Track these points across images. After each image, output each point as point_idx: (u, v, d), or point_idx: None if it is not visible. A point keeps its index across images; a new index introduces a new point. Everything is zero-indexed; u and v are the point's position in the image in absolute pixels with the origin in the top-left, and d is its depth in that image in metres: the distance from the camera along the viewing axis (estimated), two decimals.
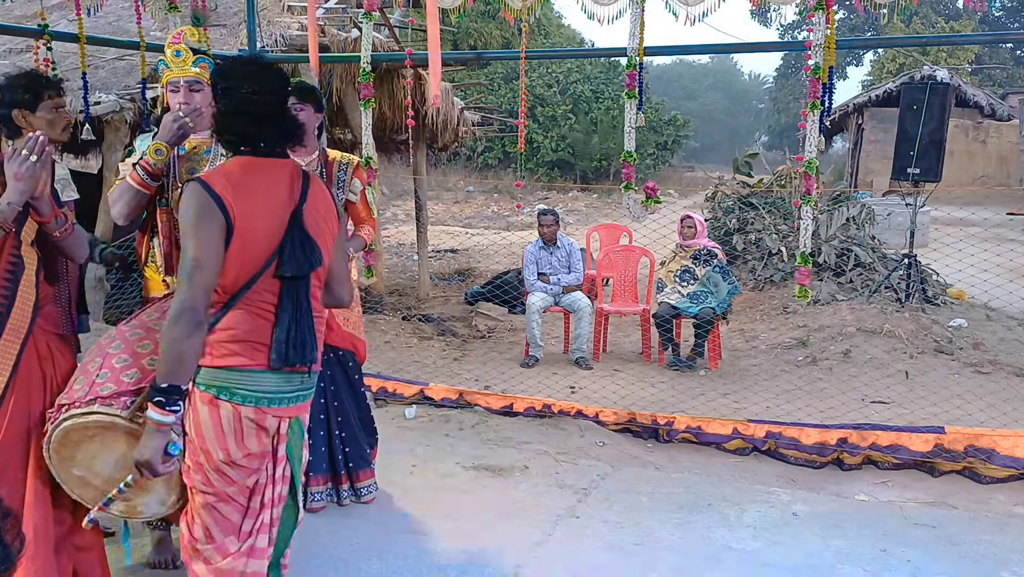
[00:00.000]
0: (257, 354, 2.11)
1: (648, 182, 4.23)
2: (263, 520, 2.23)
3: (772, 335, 7.02)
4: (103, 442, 2.17)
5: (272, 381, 2.14)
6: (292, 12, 7.39)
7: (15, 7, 8.07)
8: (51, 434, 2.18)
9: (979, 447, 4.02)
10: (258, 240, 2.09)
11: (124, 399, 2.15)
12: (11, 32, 5.09)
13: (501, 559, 3.19)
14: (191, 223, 2.03)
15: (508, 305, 8.08)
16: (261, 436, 2.16)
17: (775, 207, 9.23)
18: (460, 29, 23.62)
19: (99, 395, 2.16)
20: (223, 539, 2.18)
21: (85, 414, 2.15)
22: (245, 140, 2.16)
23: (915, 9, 30.03)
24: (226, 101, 2.13)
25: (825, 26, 3.77)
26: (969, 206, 12.00)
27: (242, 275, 2.08)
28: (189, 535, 2.21)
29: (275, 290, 2.13)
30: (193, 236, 2.02)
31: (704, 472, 4.15)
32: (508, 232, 14.45)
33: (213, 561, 2.18)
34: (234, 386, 2.09)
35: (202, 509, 2.17)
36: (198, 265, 2.00)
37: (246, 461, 2.16)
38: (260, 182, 2.13)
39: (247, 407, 2.11)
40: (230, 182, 2.08)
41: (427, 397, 5.07)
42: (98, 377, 2.20)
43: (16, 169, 2.17)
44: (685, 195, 20.47)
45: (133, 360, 2.22)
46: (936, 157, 7.37)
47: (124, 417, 2.14)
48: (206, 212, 2.02)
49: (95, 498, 2.22)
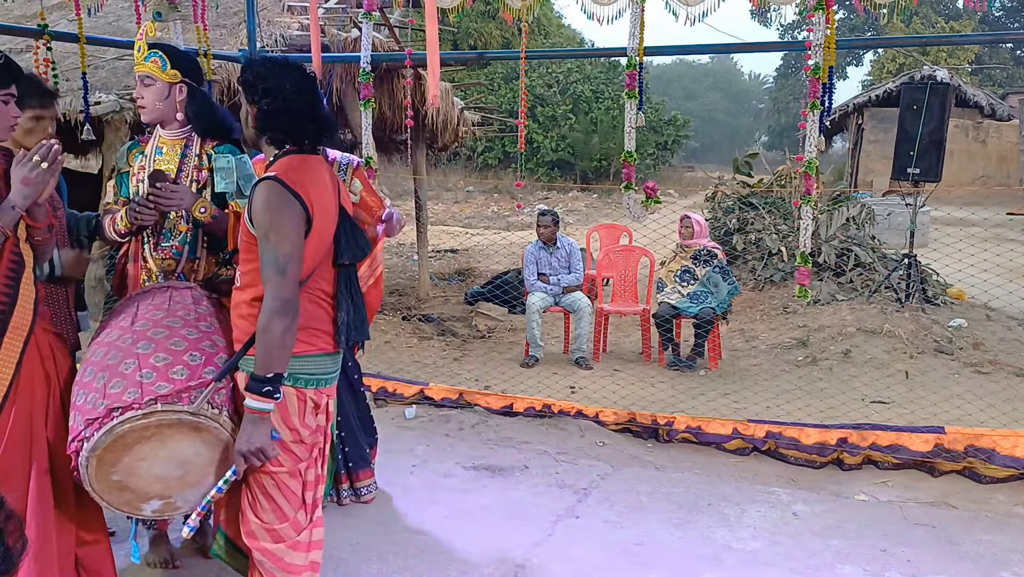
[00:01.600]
0: (316, 340, 2.27)
1: (648, 182, 4.23)
2: (320, 492, 2.43)
3: (772, 335, 7.02)
4: (161, 440, 2.14)
5: (328, 363, 2.32)
6: (292, 12, 7.40)
7: (15, 7, 8.07)
8: (97, 440, 2.08)
9: (979, 447, 4.02)
10: (326, 231, 2.24)
11: (185, 396, 2.13)
12: (11, 32, 5.08)
13: (501, 559, 3.19)
14: (275, 219, 2.12)
15: (508, 305, 8.08)
16: (319, 414, 2.35)
17: (775, 207, 9.22)
18: (460, 29, 23.61)
19: (158, 394, 2.11)
20: (294, 515, 2.33)
21: (147, 415, 2.09)
22: (293, 137, 2.27)
23: (915, 9, 30.03)
24: (269, 100, 2.23)
25: (825, 26, 3.77)
26: (969, 206, 11.99)
27: (309, 265, 2.21)
28: (258, 520, 2.31)
29: (329, 278, 2.30)
30: (280, 231, 2.11)
31: (704, 472, 4.15)
32: (508, 232, 14.44)
33: (287, 537, 2.33)
34: (297, 372, 2.23)
35: (272, 489, 2.30)
36: (291, 258, 2.12)
37: (311, 438, 2.33)
38: (315, 177, 2.25)
39: (309, 389, 2.28)
40: (298, 177, 2.18)
41: (427, 397, 5.07)
42: (143, 377, 2.14)
43: (26, 174, 2.19)
44: (685, 195, 20.47)
45: (173, 358, 2.18)
46: (936, 157, 7.36)
47: (190, 413, 2.12)
48: (289, 208, 2.13)
49: (128, 502, 2.18)
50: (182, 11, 4.67)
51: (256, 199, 2.16)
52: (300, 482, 2.35)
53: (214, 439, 2.18)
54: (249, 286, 2.24)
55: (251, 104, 2.28)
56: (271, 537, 2.32)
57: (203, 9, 4.55)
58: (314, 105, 2.29)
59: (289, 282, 2.11)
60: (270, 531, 2.31)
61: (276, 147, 2.29)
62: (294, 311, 2.13)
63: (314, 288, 2.26)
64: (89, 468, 2.10)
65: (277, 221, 2.12)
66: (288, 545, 2.33)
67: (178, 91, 2.76)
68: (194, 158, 2.81)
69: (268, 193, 2.14)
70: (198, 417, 2.13)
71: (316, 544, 2.40)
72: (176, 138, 2.81)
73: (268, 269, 2.12)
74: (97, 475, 2.12)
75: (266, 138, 2.30)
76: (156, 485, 2.17)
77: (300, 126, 2.27)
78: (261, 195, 2.15)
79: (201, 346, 2.25)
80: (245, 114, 2.33)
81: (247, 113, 2.32)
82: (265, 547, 2.32)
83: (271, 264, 2.11)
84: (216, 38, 6.69)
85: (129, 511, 2.23)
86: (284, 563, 2.33)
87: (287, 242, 2.12)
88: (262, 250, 2.14)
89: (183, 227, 2.81)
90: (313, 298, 2.26)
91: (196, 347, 2.24)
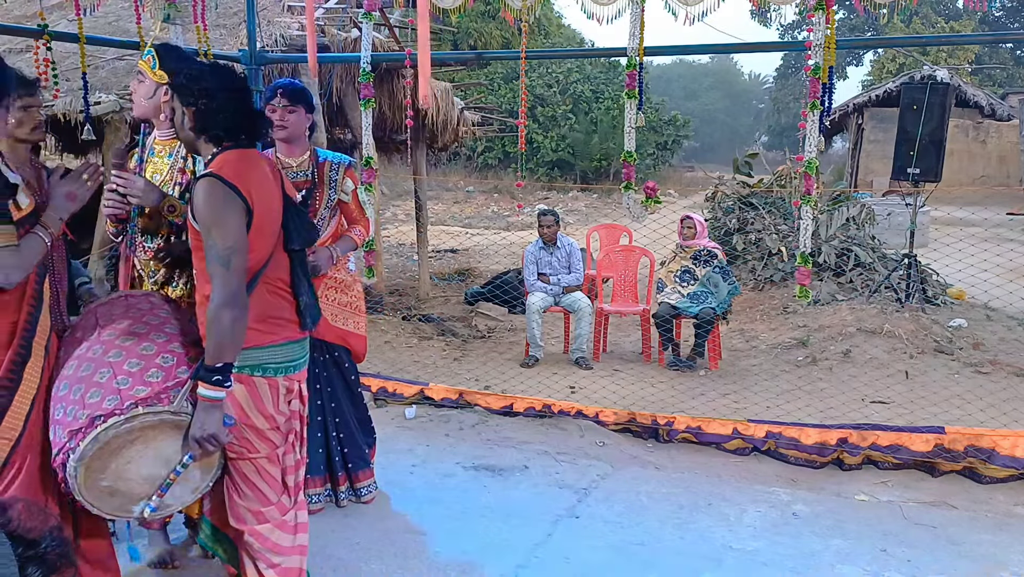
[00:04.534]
0: (281, 328, 2.36)
1: (648, 182, 4.22)
2: (301, 475, 2.54)
3: (772, 335, 7.02)
4: (145, 442, 2.19)
5: (296, 349, 2.41)
6: (292, 12, 7.39)
7: (15, 7, 8.07)
8: (83, 449, 2.12)
9: (979, 447, 4.01)
10: (270, 221, 2.31)
11: (164, 397, 2.20)
12: (11, 32, 5.08)
13: (501, 559, 3.19)
14: (216, 214, 2.19)
15: (508, 305, 8.08)
16: (291, 399, 2.44)
17: (775, 207, 9.23)
18: (460, 29, 23.61)
19: (137, 398, 2.17)
20: (277, 498, 2.44)
21: (130, 419, 2.14)
22: (230, 134, 2.34)
23: (915, 9, 30.03)
24: (207, 101, 2.30)
25: (825, 26, 3.77)
26: (969, 206, 11.99)
27: (261, 255, 2.29)
28: (243, 503, 2.42)
29: (285, 266, 2.38)
30: (221, 226, 2.18)
31: (704, 472, 4.15)
32: (508, 232, 14.44)
33: (272, 518, 2.44)
34: (266, 362, 2.33)
35: (252, 475, 2.40)
36: (234, 251, 2.18)
37: (286, 425, 2.44)
38: (255, 169, 2.33)
39: (280, 377, 2.38)
40: (236, 172, 2.25)
41: (427, 397, 5.07)
42: (119, 384, 2.19)
43: (73, 189, 2.34)
44: (685, 195, 20.46)
45: (146, 362, 2.25)
46: (936, 157, 7.36)
47: (171, 412, 2.19)
48: (228, 201, 2.20)
49: (120, 506, 2.22)
50: (182, 11, 4.67)
51: (196, 197, 2.21)
52: (279, 467, 2.45)
53: None
54: (204, 283, 2.29)
55: (187, 107, 2.34)
56: (257, 518, 2.42)
57: (203, 9, 4.55)
58: (248, 102, 2.39)
59: (234, 274, 2.18)
60: (255, 513, 2.42)
61: (214, 145, 2.35)
62: (242, 303, 2.19)
63: (272, 278, 2.35)
64: (78, 477, 2.14)
65: (218, 216, 2.18)
66: (275, 524, 2.44)
67: (163, 92, 2.76)
68: (179, 160, 2.81)
69: (207, 190, 2.20)
70: (179, 416, 2.20)
71: (302, 527, 2.50)
72: (167, 139, 2.82)
73: (213, 263, 2.19)
74: (87, 484, 2.16)
75: (204, 138, 2.35)
76: (144, 486, 2.22)
77: (237, 123, 2.34)
78: (201, 192, 2.21)
79: (170, 348, 2.31)
80: (181, 117, 2.37)
81: (183, 116, 2.36)
82: (253, 528, 2.42)
83: (215, 258, 2.18)
84: (216, 38, 6.69)
85: (122, 515, 2.27)
86: (271, 542, 2.43)
87: (229, 236, 2.18)
88: (206, 245, 2.20)
89: (164, 230, 2.82)
90: (273, 289, 2.35)
91: (166, 349, 2.30)
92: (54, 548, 0.88)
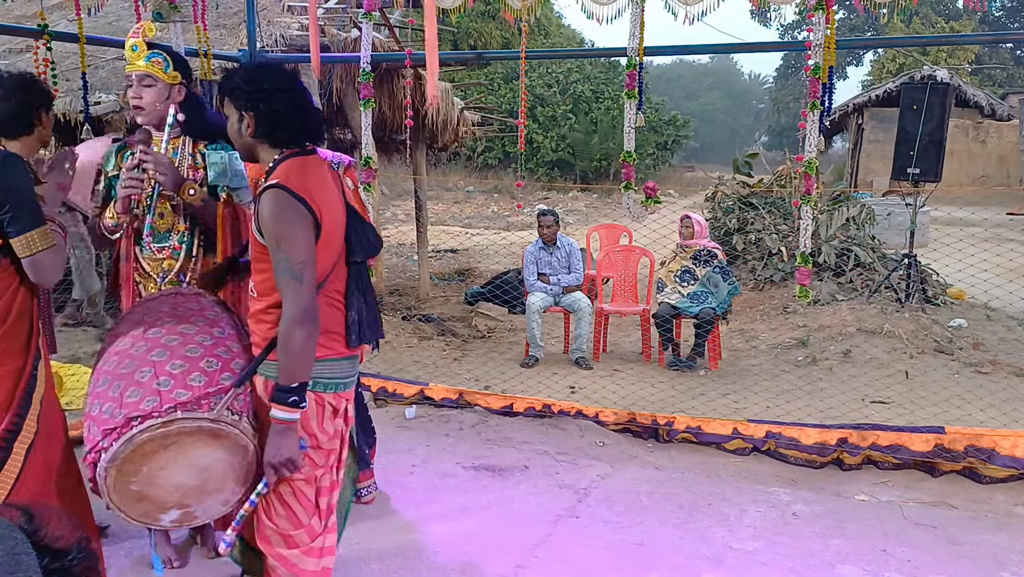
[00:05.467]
0: (334, 343, 2.24)
1: (648, 182, 4.23)
2: (335, 498, 2.41)
3: (772, 335, 7.02)
4: (180, 449, 2.10)
5: (345, 366, 2.29)
6: (292, 12, 7.39)
7: (15, 7, 8.07)
8: (117, 450, 2.04)
9: (979, 447, 4.01)
10: (336, 233, 2.20)
11: (205, 403, 2.11)
12: (11, 32, 5.08)
13: (501, 559, 3.19)
14: (285, 228, 2.08)
15: (508, 305, 8.08)
16: (337, 418, 2.32)
17: (775, 207, 9.22)
18: (460, 29, 23.61)
19: (177, 401, 2.08)
20: (308, 520, 2.32)
21: (167, 423, 2.06)
22: (295, 137, 2.22)
23: (915, 9, 30.01)
24: (272, 101, 2.17)
25: (825, 26, 3.77)
26: (969, 206, 11.98)
27: (324, 268, 2.17)
28: (273, 525, 2.30)
29: (343, 277, 2.26)
30: (291, 239, 2.07)
31: (704, 472, 4.15)
32: (508, 232, 14.44)
33: (301, 543, 2.32)
34: (316, 376, 2.19)
35: (288, 496, 2.28)
36: (306, 265, 2.08)
37: (328, 444, 2.30)
38: (319, 178, 2.21)
39: (328, 393, 2.25)
40: (302, 182, 2.14)
41: (427, 397, 5.07)
42: (160, 385, 2.11)
43: (62, 180, 2.33)
44: (685, 195, 20.46)
45: (189, 365, 2.16)
46: (936, 157, 7.36)
47: (211, 420, 2.09)
48: (298, 215, 2.09)
49: (146, 512, 2.14)
50: (182, 11, 4.67)
51: (263, 208, 2.10)
52: (315, 488, 2.33)
53: (234, 445, 2.15)
54: (264, 295, 2.20)
55: (246, 111, 2.19)
56: (286, 543, 2.31)
57: (203, 9, 4.55)
58: (309, 101, 2.26)
59: (307, 289, 2.07)
60: (285, 537, 2.30)
61: (276, 150, 2.22)
62: (314, 318, 2.09)
63: (331, 290, 2.23)
64: (108, 479, 2.06)
65: (287, 230, 2.07)
66: (302, 551, 2.32)
67: (177, 92, 2.78)
68: (188, 157, 2.83)
69: (275, 201, 2.09)
70: (218, 424, 2.10)
71: (328, 550, 2.39)
72: (158, 139, 2.82)
73: (284, 278, 2.08)
74: (116, 486, 2.07)
75: (267, 143, 2.22)
76: (175, 494, 2.13)
77: (301, 124, 2.22)
78: (268, 204, 2.09)
79: (216, 352, 2.23)
80: (238, 123, 2.22)
81: (241, 122, 2.21)
82: (279, 552, 2.31)
83: (286, 273, 2.07)
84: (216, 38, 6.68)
85: (148, 522, 2.18)
86: (297, 569, 2.33)
87: (300, 250, 2.07)
88: (275, 259, 2.10)
89: (181, 226, 2.83)
90: (330, 300, 2.23)
91: (212, 353, 2.21)
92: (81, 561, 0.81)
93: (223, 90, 2.25)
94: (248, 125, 2.20)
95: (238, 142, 2.29)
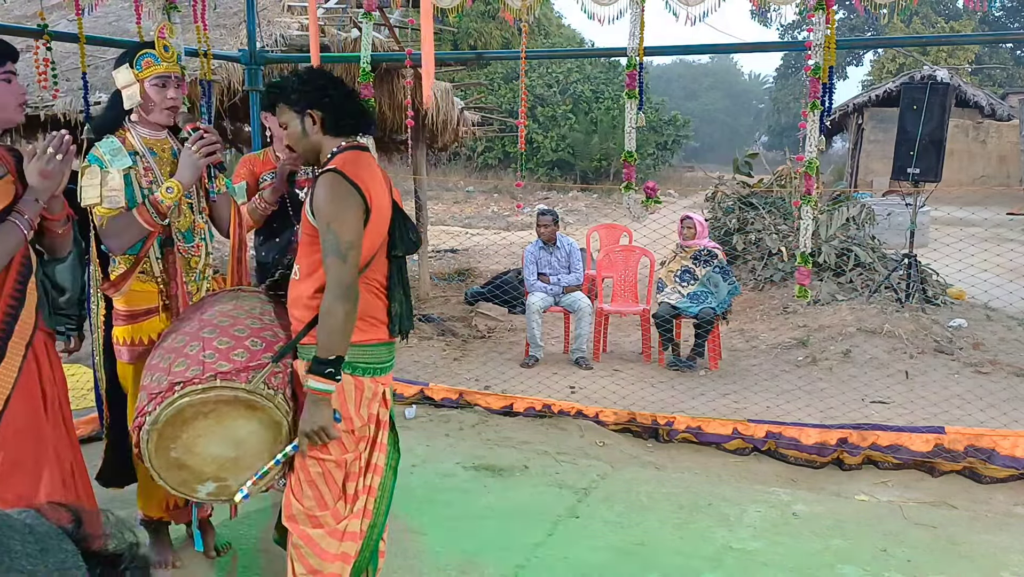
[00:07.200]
0: (373, 329, 2.35)
1: (648, 182, 4.22)
2: (366, 483, 2.46)
3: (772, 335, 7.02)
4: (217, 418, 2.20)
5: (384, 352, 2.40)
6: (292, 12, 7.39)
7: (15, 7, 8.07)
8: (159, 413, 2.16)
9: (979, 447, 4.02)
10: (381, 223, 2.32)
11: (244, 375, 2.22)
12: (11, 32, 5.06)
13: (501, 559, 3.19)
14: (338, 208, 2.20)
15: (508, 305, 8.08)
16: (373, 403, 2.41)
17: (775, 207, 9.22)
18: (460, 29, 23.60)
19: (218, 371, 2.20)
20: (334, 504, 2.40)
21: (207, 389, 2.17)
22: (355, 124, 2.38)
23: (915, 9, 30.01)
24: (329, 97, 2.32)
25: (825, 26, 3.77)
26: (969, 206, 12.00)
27: (367, 254, 2.29)
28: (300, 505, 2.38)
29: (383, 269, 2.38)
30: (342, 220, 2.20)
31: (704, 472, 4.15)
32: (508, 232, 14.44)
33: (326, 525, 2.39)
34: (355, 361, 2.30)
35: (317, 478, 2.36)
36: (352, 246, 2.20)
37: (361, 429, 2.39)
38: (370, 171, 2.33)
39: (366, 378, 2.34)
40: (356, 171, 2.27)
41: (427, 397, 5.07)
42: (205, 357, 2.23)
43: (43, 167, 2.21)
44: (685, 195, 20.46)
45: (235, 343, 2.29)
46: (936, 157, 7.36)
47: (247, 390, 2.20)
48: (350, 197, 2.22)
49: (184, 481, 2.24)
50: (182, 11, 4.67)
51: (318, 191, 2.22)
52: (343, 472, 2.40)
53: (269, 419, 2.25)
54: (308, 276, 2.30)
55: (312, 109, 2.32)
56: (311, 523, 2.39)
57: (203, 9, 4.54)
58: (355, 93, 2.43)
59: (350, 268, 2.19)
60: (311, 517, 2.39)
61: (336, 143, 2.35)
62: (355, 297, 2.21)
63: (371, 278, 2.35)
64: (149, 443, 2.16)
65: (339, 211, 2.19)
66: (326, 531, 2.40)
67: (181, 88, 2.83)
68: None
69: (331, 184, 2.22)
70: (253, 395, 2.20)
71: (350, 535, 2.44)
72: (160, 139, 2.80)
73: (330, 256, 2.19)
74: (157, 450, 2.17)
75: (332, 135, 2.35)
76: (211, 465, 2.23)
77: (361, 110, 2.39)
78: (324, 187, 2.22)
79: (263, 335, 2.35)
80: (300, 125, 2.34)
81: (304, 122, 2.34)
82: (304, 531, 2.39)
83: (333, 251, 2.18)
84: (216, 38, 6.68)
85: (186, 492, 2.27)
86: (319, 548, 2.40)
87: (349, 231, 2.19)
88: (324, 239, 2.21)
89: (201, 223, 2.86)
90: (371, 288, 2.34)
91: (258, 335, 2.34)
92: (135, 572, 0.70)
93: (277, 100, 2.37)
94: (314, 122, 2.33)
95: (301, 144, 2.39)
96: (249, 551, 3.21)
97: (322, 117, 2.33)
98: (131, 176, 2.70)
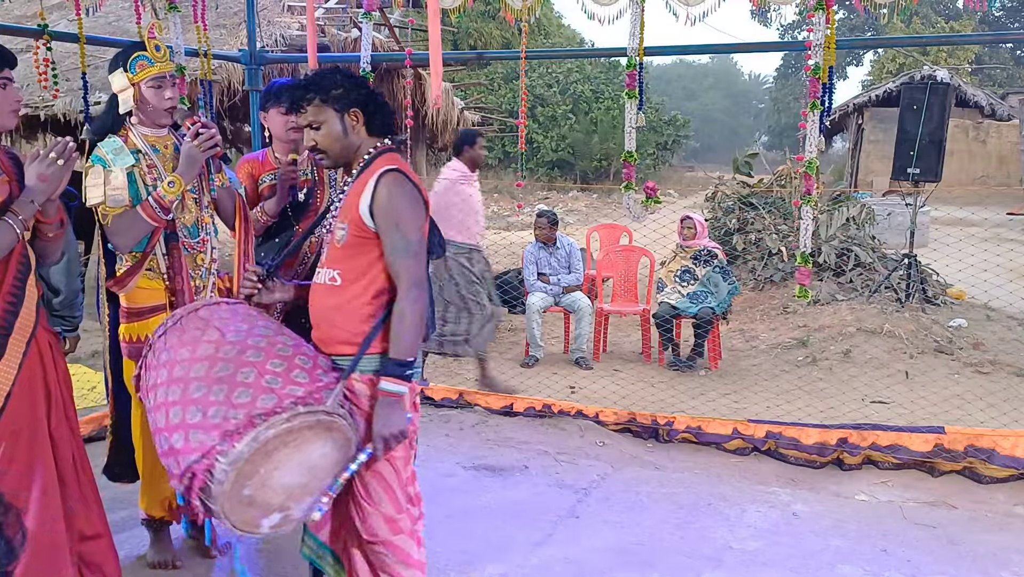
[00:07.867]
0: None
1: (648, 182, 4.22)
2: (416, 489, 2.44)
3: (772, 335, 7.02)
4: (297, 446, 2.05)
5: (419, 356, 2.35)
6: (292, 12, 7.40)
7: (15, 7, 8.08)
8: (239, 449, 1.95)
9: (979, 447, 4.01)
10: (427, 225, 2.31)
11: (317, 397, 2.09)
12: (11, 32, 5.07)
13: (501, 559, 3.19)
14: (406, 209, 2.19)
15: (508, 305, 8.07)
16: (417, 408, 2.39)
17: (775, 207, 9.22)
18: (460, 29, 23.61)
19: (295, 397, 2.05)
20: (408, 506, 2.36)
21: (291, 418, 2.01)
22: (391, 125, 2.36)
23: (915, 9, 30.03)
24: (372, 98, 2.29)
25: (825, 26, 3.77)
26: (969, 206, 11.98)
27: None
28: (377, 513, 2.29)
29: None
30: (410, 220, 2.19)
31: (704, 472, 4.15)
32: (508, 232, 14.43)
33: (405, 528, 2.34)
34: None
35: (390, 476, 2.30)
36: (422, 244, 2.22)
37: (413, 432, 2.35)
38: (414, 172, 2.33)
39: (414, 383, 2.31)
40: (409, 172, 2.27)
41: (427, 397, 5.07)
42: (270, 383, 2.06)
43: (43, 170, 2.21)
44: (685, 195, 20.47)
45: (287, 362, 2.13)
46: (936, 157, 7.37)
47: (326, 412, 2.07)
48: (415, 197, 2.22)
49: (251, 519, 2.05)
50: (182, 11, 4.67)
51: (381, 192, 2.18)
52: (410, 470, 2.40)
53: (343, 439, 2.13)
54: (356, 281, 2.22)
55: (356, 108, 2.25)
56: (391, 529, 2.30)
57: (203, 9, 4.55)
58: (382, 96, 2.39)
59: (421, 267, 2.20)
60: (390, 522, 2.30)
61: (373, 144, 2.30)
62: (427, 295, 2.22)
63: None
64: (226, 483, 1.96)
65: (408, 211, 2.19)
66: (408, 535, 2.34)
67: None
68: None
69: (399, 184, 2.20)
70: (332, 417, 2.08)
71: (422, 541, 2.40)
72: (161, 136, 2.82)
73: (401, 258, 2.17)
74: (231, 490, 1.98)
75: (371, 135, 2.30)
76: (281, 496, 2.07)
77: (393, 114, 2.37)
78: (388, 187, 2.18)
79: (303, 350, 2.21)
80: (342, 126, 2.25)
81: (344, 121, 2.25)
82: (388, 540, 2.30)
83: (403, 251, 2.17)
84: (216, 38, 6.69)
85: (248, 529, 2.08)
86: (405, 554, 2.32)
87: (416, 230, 2.20)
88: (391, 240, 2.18)
89: (207, 218, 2.86)
90: None
91: (300, 352, 2.19)
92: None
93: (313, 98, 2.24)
94: (356, 121, 2.27)
95: (339, 143, 2.27)
96: (249, 551, 3.21)
97: (366, 117, 2.28)
98: (134, 174, 2.72)
